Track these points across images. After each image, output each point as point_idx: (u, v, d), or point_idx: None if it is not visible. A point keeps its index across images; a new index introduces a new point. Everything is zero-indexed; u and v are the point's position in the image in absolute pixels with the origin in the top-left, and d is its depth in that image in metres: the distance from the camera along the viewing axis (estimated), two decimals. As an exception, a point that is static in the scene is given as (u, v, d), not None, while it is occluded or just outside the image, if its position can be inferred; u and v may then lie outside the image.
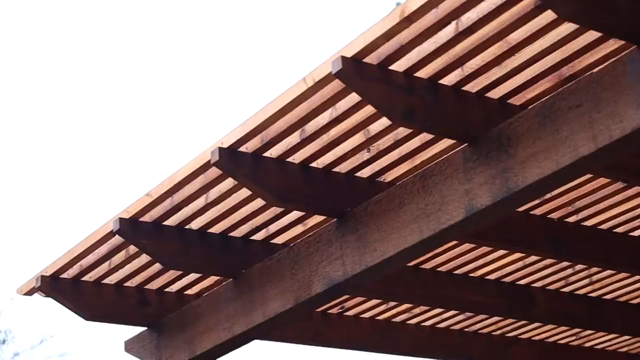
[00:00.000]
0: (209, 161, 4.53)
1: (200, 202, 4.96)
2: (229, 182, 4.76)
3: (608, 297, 6.40)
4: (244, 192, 4.81)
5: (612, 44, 3.91)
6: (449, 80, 4.14)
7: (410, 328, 6.59)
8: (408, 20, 3.76)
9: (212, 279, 5.62)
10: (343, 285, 4.81)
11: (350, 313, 6.34)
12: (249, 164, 4.54)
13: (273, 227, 5.24)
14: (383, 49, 3.92)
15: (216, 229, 5.23)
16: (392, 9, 3.80)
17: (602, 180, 5.03)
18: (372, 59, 3.97)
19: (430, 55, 3.95)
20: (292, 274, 5.00)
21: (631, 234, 5.64)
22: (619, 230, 5.59)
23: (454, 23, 3.81)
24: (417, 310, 6.38)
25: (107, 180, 38.09)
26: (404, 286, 5.73)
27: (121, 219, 5.02)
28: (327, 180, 4.76)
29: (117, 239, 5.22)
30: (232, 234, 5.29)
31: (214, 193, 4.87)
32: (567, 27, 3.81)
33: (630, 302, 6.49)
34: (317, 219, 5.07)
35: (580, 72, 4.03)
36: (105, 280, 5.67)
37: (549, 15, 3.71)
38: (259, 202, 4.90)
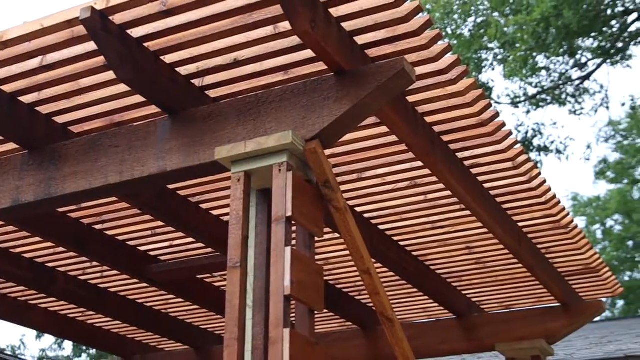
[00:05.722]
0: None
1: None
2: None
3: (112, 290, 6.44)
4: None
5: (155, 108, 4.00)
6: (26, 99, 4.02)
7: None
8: (4, 44, 3.62)
9: None
10: None
11: None
12: None
13: None
14: (-24, 61, 3.72)
15: None
16: None
17: (124, 204, 5.08)
18: (-35, 68, 3.75)
19: (15, 76, 3.82)
20: None
21: (138, 248, 5.73)
22: (130, 243, 5.66)
23: (40, 57, 3.72)
24: (-40, 269, 5.99)
25: None
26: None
27: None
28: None
29: None
30: None
31: None
32: (125, 86, 3.84)
33: (126, 296, 6.57)
34: None
35: (126, 122, 4.08)
36: None
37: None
38: None
